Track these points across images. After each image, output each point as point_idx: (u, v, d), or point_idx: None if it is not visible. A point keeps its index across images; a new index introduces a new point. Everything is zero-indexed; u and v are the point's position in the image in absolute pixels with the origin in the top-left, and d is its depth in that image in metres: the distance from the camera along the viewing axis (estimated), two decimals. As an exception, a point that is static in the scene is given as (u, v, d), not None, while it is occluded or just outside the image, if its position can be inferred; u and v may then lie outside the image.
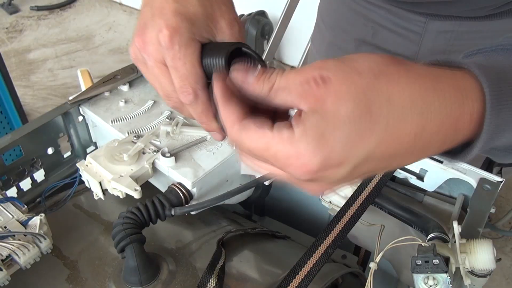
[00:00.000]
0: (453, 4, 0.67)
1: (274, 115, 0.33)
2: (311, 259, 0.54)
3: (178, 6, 0.38)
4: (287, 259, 0.63)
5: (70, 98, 0.71)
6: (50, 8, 3.12)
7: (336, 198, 0.66)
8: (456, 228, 0.48)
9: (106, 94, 0.73)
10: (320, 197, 0.68)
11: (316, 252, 0.55)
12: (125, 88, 0.74)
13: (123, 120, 0.69)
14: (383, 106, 0.28)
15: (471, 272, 0.50)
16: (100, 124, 0.70)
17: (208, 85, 0.38)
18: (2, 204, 0.58)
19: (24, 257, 0.53)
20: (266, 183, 0.72)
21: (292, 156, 0.29)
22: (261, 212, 0.88)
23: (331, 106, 0.28)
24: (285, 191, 0.85)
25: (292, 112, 0.31)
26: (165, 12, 0.38)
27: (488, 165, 0.86)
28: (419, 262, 0.45)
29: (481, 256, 0.46)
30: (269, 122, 0.31)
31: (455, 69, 0.31)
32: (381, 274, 0.74)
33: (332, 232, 0.57)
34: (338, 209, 0.60)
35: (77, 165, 0.63)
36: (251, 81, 0.32)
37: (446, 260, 0.47)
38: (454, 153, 0.33)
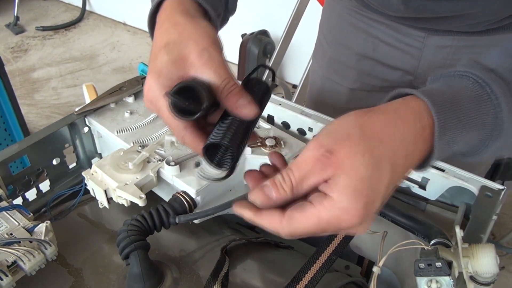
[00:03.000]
0: (451, 19, 0.69)
1: None
2: (314, 265, 0.54)
3: (151, 64, 0.43)
4: (291, 268, 0.63)
5: (76, 109, 0.72)
6: (55, 28, 3.17)
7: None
8: (459, 232, 0.48)
9: (112, 105, 0.74)
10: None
11: (320, 258, 0.55)
12: (130, 99, 0.75)
13: (128, 130, 0.70)
14: (379, 147, 0.36)
15: (475, 280, 0.50)
16: (106, 134, 0.71)
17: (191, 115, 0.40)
18: (8, 212, 0.58)
19: (30, 264, 0.53)
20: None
21: (342, 215, 0.35)
22: (264, 224, 0.88)
23: (348, 165, 0.35)
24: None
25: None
26: (148, 71, 0.44)
27: (490, 177, 0.87)
28: (422, 265, 0.45)
29: (483, 260, 0.46)
30: (303, 201, 0.37)
31: (407, 96, 0.40)
32: (384, 284, 0.74)
33: (335, 239, 0.57)
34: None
35: (83, 173, 0.64)
36: (273, 196, 0.37)
37: (449, 264, 0.47)
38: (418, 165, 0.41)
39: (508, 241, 1.71)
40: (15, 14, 3.14)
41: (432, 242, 0.54)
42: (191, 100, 0.39)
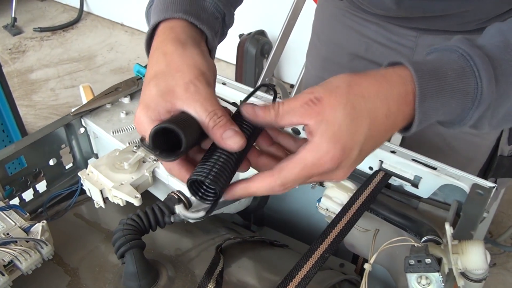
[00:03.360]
0: (442, 18, 0.70)
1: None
2: (307, 263, 0.55)
3: (142, 95, 0.44)
4: (285, 266, 0.64)
5: (73, 110, 0.73)
6: (53, 30, 3.18)
7: (332, 206, 0.67)
8: (449, 229, 0.49)
9: (108, 106, 0.75)
10: (317, 205, 0.69)
11: (313, 256, 0.56)
12: (126, 100, 0.76)
13: (124, 131, 0.70)
14: (361, 101, 0.40)
15: (466, 276, 0.51)
16: (102, 135, 0.71)
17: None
18: (5, 212, 0.59)
19: (26, 263, 0.54)
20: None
21: (323, 156, 0.39)
22: (260, 222, 0.89)
23: (330, 114, 0.39)
24: (283, 201, 0.86)
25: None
26: (139, 102, 0.45)
27: (483, 175, 0.88)
28: (412, 262, 0.46)
29: (472, 256, 0.47)
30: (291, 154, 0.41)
31: (397, 65, 0.43)
32: (379, 282, 0.75)
33: (328, 236, 0.58)
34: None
35: (79, 173, 0.64)
36: (259, 113, 0.41)
37: (439, 261, 0.48)
38: (405, 129, 0.44)
39: (505, 239, 1.72)
40: (13, 15, 3.14)
41: (423, 239, 0.54)
42: (174, 140, 0.39)
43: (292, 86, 2.49)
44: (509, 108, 0.46)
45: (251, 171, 0.45)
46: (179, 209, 0.56)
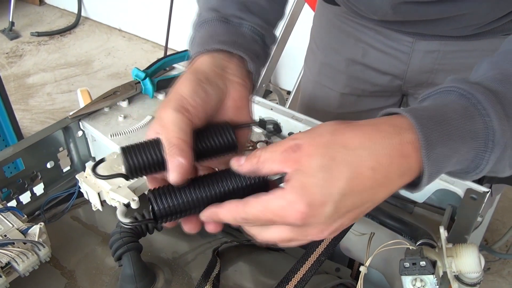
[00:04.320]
0: (438, 22, 0.71)
1: None
2: (304, 266, 0.55)
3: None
4: (281, 271, 0.64)
5: (71, 113, 0.73)
6: (51, 34, 3.18)
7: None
8: (443, 232, 0.49)
9: (106, 109, 0.75)
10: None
11: (309, 259, 0.56)
12: (124, 104, 0.76)
13: (122, 134, 0.71)
14: (341, 152, 0.36)
15: (460, 280, 0.51)
16: (100, 138, 0.72)
17: None
18: (2, 214, 0.59)
19: (23, 265, 0.54)
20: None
21: (286, 206, 0.36)
22: (256, 227, 0.89)
23: (306, 163, 0.36)
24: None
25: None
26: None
27: (478, 181, 0.89)
28: (407, 264, 0.46)
29: (466, 259, 0.48)
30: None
31: (394, 115, 0.39)
32: (374, 287, 0.75)
33: (324, 240, 0.58)
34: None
35: (77, 176, 0.65)
36: (243, 163, 0.40)
37: (434, 264, 0.49)
38: (411, 185, 0.40)
39: (500, 247, 1.73)
40: (10, 20, 3.15)
41: (418, 242, 0.55)
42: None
43: (288, 92, 2.50)
44: None
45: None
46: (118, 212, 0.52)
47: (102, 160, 0.44)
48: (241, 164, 0.40)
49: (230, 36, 0.50)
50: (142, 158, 0.40)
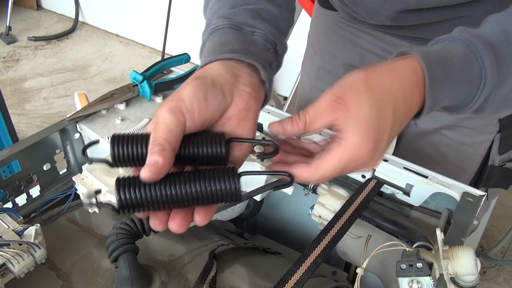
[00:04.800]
0: (435, 26, 0.71)
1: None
2: (300, 268, 0.55)
3: None
4: (278, 273, 0.64)
5: (68, 115, 0.73)
6: (48, 39, 3.18)
7: (325, 213, 0.68)
8: (439, 235, 0.50)
9: (103, 112, 0.75)
10: (310, 212, 0.70)
11: (306, 261, 0.56)
12: (121, 106, 0.76)
13: (119, 136, 0.71)
14: (381, 91, 0.42)
15: (456, 284, 0.51)
16: (97, 140, 0.72)
17: None
18: (-2, 215, 0.59)
19: (19, 266, 0.54)
20: (258, 198, 0.74)
21: (357, 151, 0.41)
22: (253, 230, 0.89)
23: (355, 109, 0.41)
24: (276, 209, 0.87)
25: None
26: None
27: (474, 185, 0.89)
28: (404, 266, 0.47)
29: (463, 261, 0.48)
30: (324, 150, 0.43)
31: (406, 55, 0.45)
32: (370, 290, 0.75)
33: (321, 242, 0.58)
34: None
35: (73, 178, 0.64)
36: (288, 128, 0.43)
37: (430, 266, 0.49)
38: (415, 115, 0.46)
39: (496, 253, 1.73)
40: (7, 24, 3.14)
41: (415, 245, 0.55)
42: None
43: (285, 98, 2.51)
44: (506, 93, 0.49)
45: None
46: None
47: (95, 142, 0.45)
48: (286, 130, 0.43)
49: (242, 44, 0.49)
50: (128, 149, 0.40)
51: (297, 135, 0.44)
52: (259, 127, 0.80)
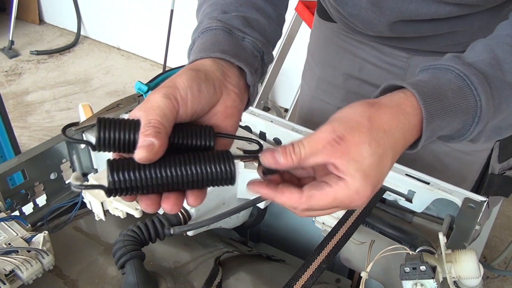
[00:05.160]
0: (432, 38, 0.73)
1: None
2: (305, 273, 0.56)
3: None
4: (282, 281, 0.65)
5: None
6: (50, 53, 3.22)
7: (328, 219, 0.69)
8: (442, 238, 0.50)
9: (109, 122, 0.76)
10: (313, 219, 0.71)
11: (310, 267, 0.57)
12: (127, 116, 0.77)
13: (125, 145, 0.72)
14: (383, 137, 0.41)
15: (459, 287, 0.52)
16: (103, 149, 0.73)
17: None
18: (6, 222, 0.60)
19: (27, 272, 0.54)
20: (262, 206, 0.75)
21: (353, 195, 0.40)
22: (256, 239, 0.89)
23: (356, 152, 0.40)
24: (279, 218, 0.87)
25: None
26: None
27: (475, 193, 0.90)
28: (407, 269, 0.47)
29: (465, 264, 0.49)
30: (319, 182, 0.42)
31: (404, 90, 0.45)
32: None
33: (325, 248, 0.59)
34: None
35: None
36: (281, 161, 0.41)
37: (433, 269, 0.49)
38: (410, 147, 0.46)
39: (499, 264, 1.73)
40: (10, 38, 3.18)
41: (418, 249, 0.56)
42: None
43: (286, 110, 2.53)
44: (499, 122, 0.50)
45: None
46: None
47: (75, 123, 0.45)
48: (278, 163, 0.41)
49: (232, 47, 0.50)
50: (115, 134, 0.39)
51: (290, 169, 0.43)
52: (262, 136, 0.81)
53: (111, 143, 0.40)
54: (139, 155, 0.38)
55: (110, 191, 0.39)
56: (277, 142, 0.80)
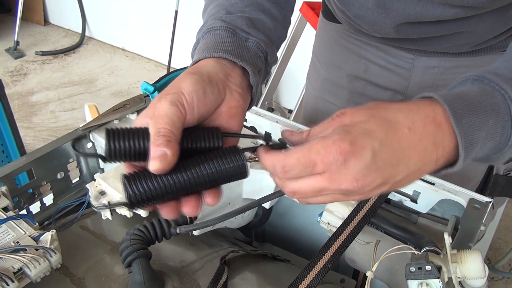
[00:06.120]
0: (438, 39, 0.73)
1: None
2: (311, 273, 0.56)
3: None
4: (287, 280, 0.65)
5: (81, 125, 0.75)
6: (55, 53, 3.23)
7: (334, 220, 0.69)
8: (447, 239, 0.51)
9: (115, 122, 0.77)
10: (318, 219, 0.71)
11: (316, 266, 0.57)
12: (133, 116, 0.78)
13: (131, 145, 0.72)
14: (382, 112, 0.40)
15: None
16: (109, 149, 0.73)
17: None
18: (15, 221, 0.60)
19: (35, 270, 0.55)
20: (267, 206, 0.75)
21: (329, 144, 0.37)
22: (261, 239, 0.90)
23: (348, 120, 0.40)
24: (284, 218, 0.88)
25: None
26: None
27: (480, 191, 0.90)
28: (413, 269, 0.48)
29: (471, 265, 0.49)
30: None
31: (429, 99, 0.42)
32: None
33: (330, 248, 0.59)
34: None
35: (87, 186, 0.66)
36: (295, 133, 0.44)
37: (439, 269, 0.50)
38: (451, 166, 0.42)
39: (503, 265, 1.73)
40: (15, 39, 3.20)
41: (423, 249, 0.56)
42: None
43: (290, 111, 2.53)
44: None
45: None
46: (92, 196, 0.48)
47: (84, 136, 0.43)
48: (293, 135, 0.43)
49: (236, 47, 0.51)
50: (124, 144, 0.40)
51: (299, 143, 0.43)
52: (268, 136, 0.82)
53: (121, 154, 0.40)
54: (154, 166, 0.38)
55: (132, 205, 0.40)
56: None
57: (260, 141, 0.48)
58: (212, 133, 0.43)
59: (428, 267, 0.47)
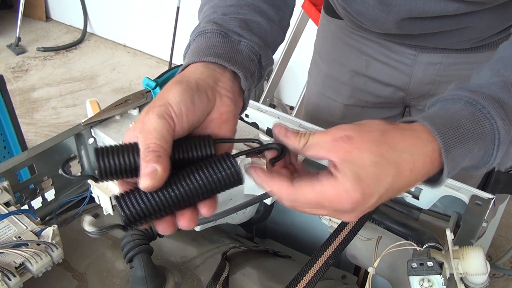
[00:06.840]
0: (440, 35, 0.73)
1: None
2: (312, 268, 0.56)
3: None
4: (288, 276, 0.65)
5: (83, 120, 0.75)
6: (56, 49, 3.23)
7: (335, 216, 0.69)
8: (449, 235, 0.51)
9: (117, 117, 0.77)
10: (320, 215, 0.71)
11: (317, 262, 0.57)
12: (135, 112, 0.78)
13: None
14: (390, 152, 0.40)
15: (466, 285, 0.52)
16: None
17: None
18: (16, 216, 0.60)
19: (37, 265, 0.55)
20: (268, 202, 0.75)
21: (342, 194, 0.39)
22: (263, 235, 0.90)
23: (357, 156, 0.40)
24: (286, 214, 0.88)
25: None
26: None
27: (482, 189, 0.90)
28: (415, 265, 0.48)
29: (473, 261, 0.49)
30: (311, 175, 0.41)
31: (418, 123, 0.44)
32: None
33: (332, 244, 0.59)
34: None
35: (89, 181, 0.66)
36: (291, 136, 0.42)
37: (440, 265, 0.50)
38: (433, 180, 0.45)
39: (504, 263, 1.73)
40: (17, 35, 3.19)
41: (425, 245, 0.56)
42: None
43: (291, 108, 2.53)
44: None
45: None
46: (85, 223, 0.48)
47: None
48: (288, 137, 0.42)
49: (227, 51, 0.49)
50: (115, 162, 0.39)
51: (293, 150, 0.43)
52: (269, 132, 0.81)
53: (112, 172, 0.39)
54: (144, 184, 0.38)
55: (127, 225, 0.39)
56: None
57: (255, 144, 0.46)
58: (203, 141, 0.42)
59: (429, 263, 0.47)
